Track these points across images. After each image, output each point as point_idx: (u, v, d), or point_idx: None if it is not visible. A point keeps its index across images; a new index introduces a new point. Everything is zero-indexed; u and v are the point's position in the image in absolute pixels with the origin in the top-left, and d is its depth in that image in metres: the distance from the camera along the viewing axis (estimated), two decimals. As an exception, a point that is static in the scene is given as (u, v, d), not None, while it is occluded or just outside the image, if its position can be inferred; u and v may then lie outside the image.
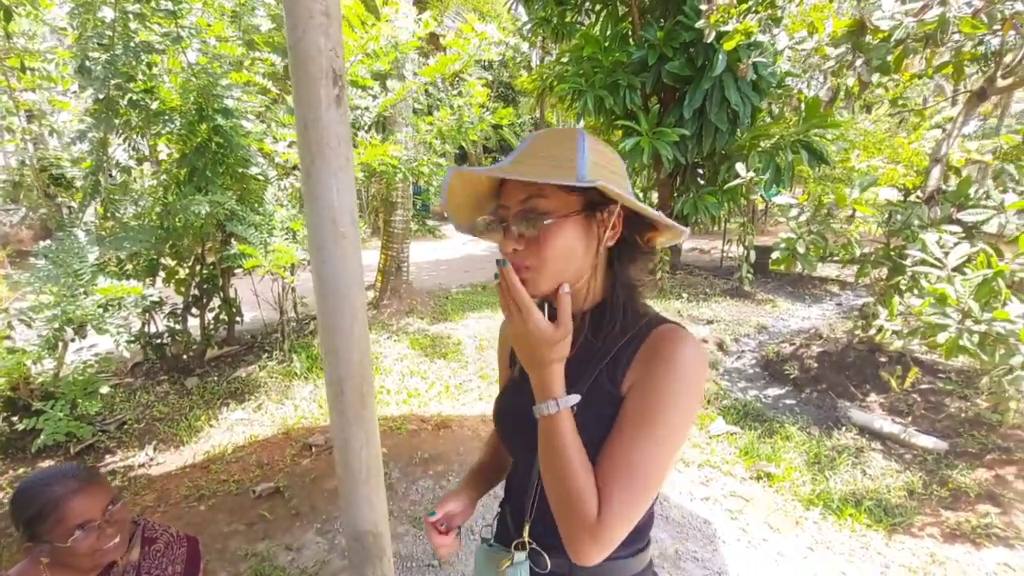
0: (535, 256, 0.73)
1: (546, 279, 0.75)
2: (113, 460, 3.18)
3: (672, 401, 0.71)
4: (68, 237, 3.12)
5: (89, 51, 3.23)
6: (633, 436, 0.71)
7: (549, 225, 0.72)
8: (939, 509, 2.58)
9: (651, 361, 0.74)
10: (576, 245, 0.75)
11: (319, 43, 1.12)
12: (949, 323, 2.30)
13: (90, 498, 1.08)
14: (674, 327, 0.78)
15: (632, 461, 0.70)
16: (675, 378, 0.72)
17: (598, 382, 0.79)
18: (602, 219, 0.76)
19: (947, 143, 3.62)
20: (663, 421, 0.71)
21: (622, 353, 0.78)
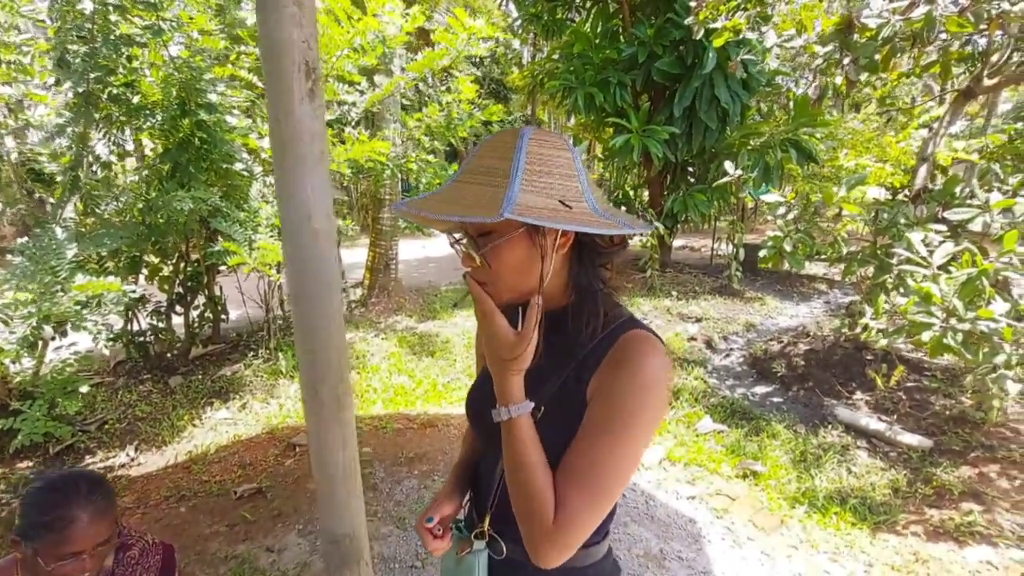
0: (486, 275, 0.75)
1: (502, 292, 0.76)
2: (93, 461, 3.13)
3: (635, 410, 0.72)
4: (46, 233, 3.05)
5: (68, 44, 3.16)
6: (593, 443, 0.72)
7: (493, 246, 0.73)
8: (923, 507, 2.59)
9: (617, 368, 0.74)
10: (521, 261, 0.74)
11: (291, 34, 1.09)
12: (934, 322, 2.31)
13: (95, 533, 1.08)
14: (643, 334, 0.77)
15: (592, 468, 0.71)
16: (639, 387, 0.72)
17: (566, 385, 0.79)
18: (546, 231, 0.74)
19: (933, 142, 3.64)
20: (625, 429, 0.71)
21: (590, 356, 0.78)
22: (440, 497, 0.97)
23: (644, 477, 2.89)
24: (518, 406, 0.74)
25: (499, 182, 0.70)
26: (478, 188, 0.71)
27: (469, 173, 0.74)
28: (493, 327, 0.73)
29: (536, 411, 0.77)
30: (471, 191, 0.71)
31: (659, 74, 6.79)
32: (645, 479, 2.87)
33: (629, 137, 6.81)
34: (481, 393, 0.90)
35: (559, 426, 0.75)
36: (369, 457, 3.00)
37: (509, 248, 0.73)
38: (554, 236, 0.74)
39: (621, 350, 0.75)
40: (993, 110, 9.55)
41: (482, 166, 0.73)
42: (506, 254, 0.73)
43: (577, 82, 7.12)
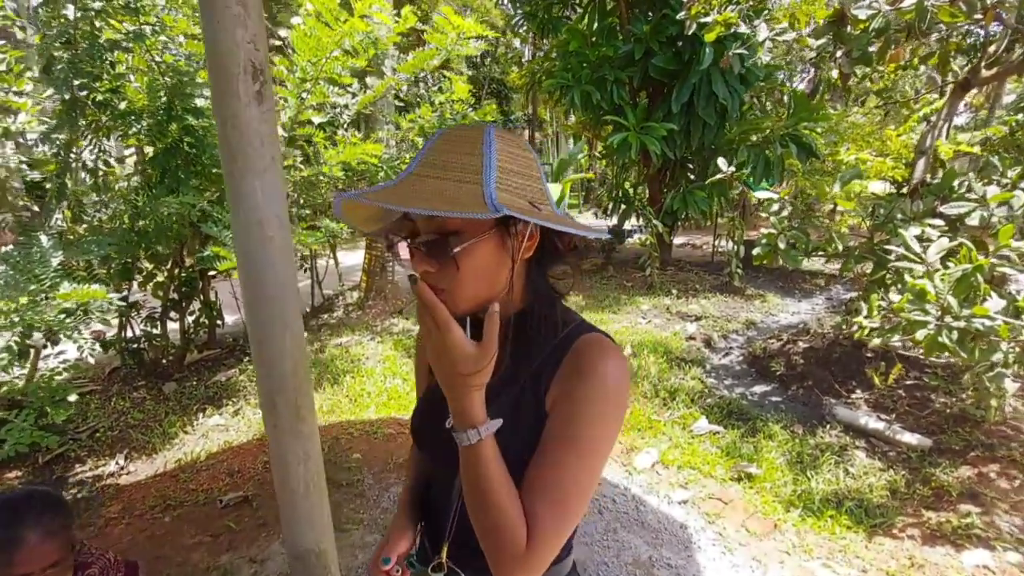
0: (446, 279, 0.68)
1: (462, 301, 0.69)
2: (83, 469, 3.11)
3: (596, 419, 0.68)
4: (32, 241, 3.04)
5: (53, 51, 3.15)
6: (559, 456, 0.68)
7: (464, 248, 0.66)
8: (921, 509, 2.52)
9: (574, 376, 0.70)
10: (490, 264, 0.69)
11: (236, 36, 1.05)
12: (928, 319, 2.25)
13: (43, 554, 1.07)
14: (598, 337, 0.74)
15: (559, 482, 0.67)
16: (599, 395, 0.69)
17: (522, 396, 0.75)
18: (517, 232, 0.70)
19: (932, 135, 3.57)
20: (588, 440, 0.68)
21: (545, 365, 0.74)
22: (392, 533, 0.91)
23: (635, 481, 2.84)
24: (485, 426, 0.66)
25: (471, 178, 0.66)
26: (444, 183, 0.65)
27: (428, 167, 0.68)
28: (450, 339, 0.63)
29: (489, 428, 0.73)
30: (435, 186, 0.65)
31: (656, 71, 6.73)
32: (636, 483, 2.82)
33: (627, 135, 6.75)
34: (428, 412, 0.85)
35: (516, 441, 0.71)
36: (358, 463, 2.97)
37: (479, 250, 0.67)
38: (522, 239, 0.70)
39: (578, 356, 0.72)
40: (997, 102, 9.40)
41: (444, 161, 0.68)
42: (472, 259, 0.67)
43: (573, 80, 7.07)
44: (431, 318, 0.63)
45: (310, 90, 4.19)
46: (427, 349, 0.67)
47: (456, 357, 0.63)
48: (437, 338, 0.64)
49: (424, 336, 0.65)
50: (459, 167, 0.67)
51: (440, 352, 0.64)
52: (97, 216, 3.85)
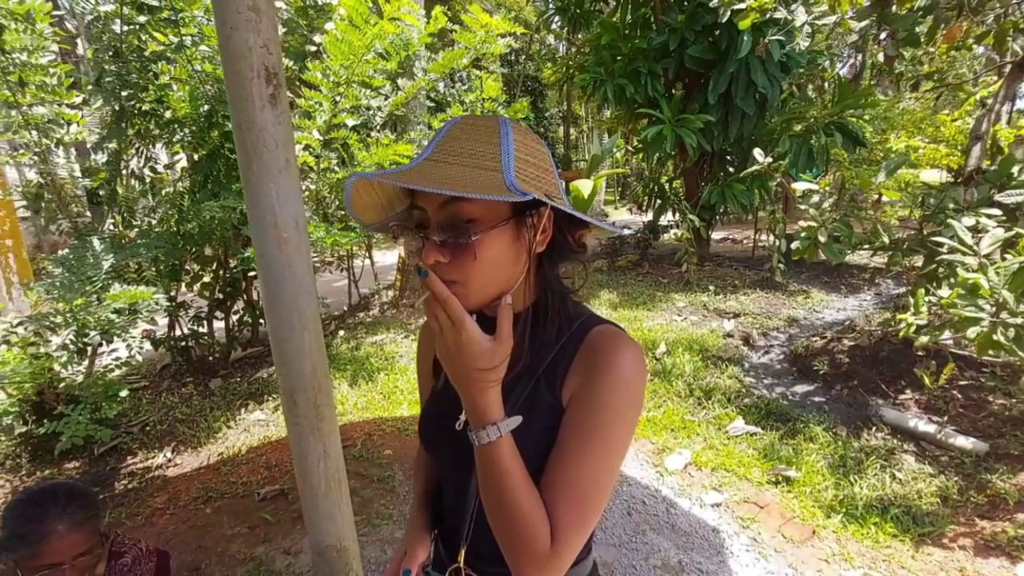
0: (461, 270, 0.65)
1: (476, 294, 0.67)
2: (134, 461, 3.27)
3: (616, 412, 0.67)
4: (85, 245, 3.22)
5: (104, 64, 3.32)
6: (579, 454, 0.67)
7: (480, 238, 0.64)
8: (974, 517, 2.37)
9: (591, 369, 0.69)
10: (506, 255, 0.67)
11: (248, 40, 1.08)
12: (982, 316, 2.10)
13: (71, 544, 1.11)
14: (610, 329, 0.73)
15: (580, 479, 0.66)
16: (618, 387, 0.67)
17: (536, 391, 0.73)
18: (533, 223, 0.68)
19: (988, 119, 3.34)
20: (609, 435, 0.67)
21: (559, 359, 0.73)
22: (409, 543, 0.89)
23: (667, 483, 2.78)
24: (505, 422, 0.64)
25: (489, 165, 0.64)
26: (463, 169, 0.64)
27: (444, 152, 0.66)
28: (466, 334, 0.61)
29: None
30: (453, 171, 0.63)
31: (692, 61, 6.55)
32: (668, 485, 2.76)
33: (662, 128, 6.61)
34: (437, 414, 0.84)
35: (532, 438, 0.70)
36: (389, 460, 3.02)
37: (495, 240, 0.65)
38: (536, 231, 0.69)
39: (592, 349, 0.71)
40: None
41: (461, 149, 0.66)
42: (489, 249, 0.65)
43: (606, 74, 6.97)
44: (444, 313, 0.61)
45: (343, 93, 4.28)
46: (437, 346, 0.65)
47: (473, 352, 0.61)
48: (451, 334, 0.61)
49: (436, 332, 0.63)
50: (477, 154, 0.65)
51: (454, 349, 0.62)
52: (146, 220, 4.04)
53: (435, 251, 0.64)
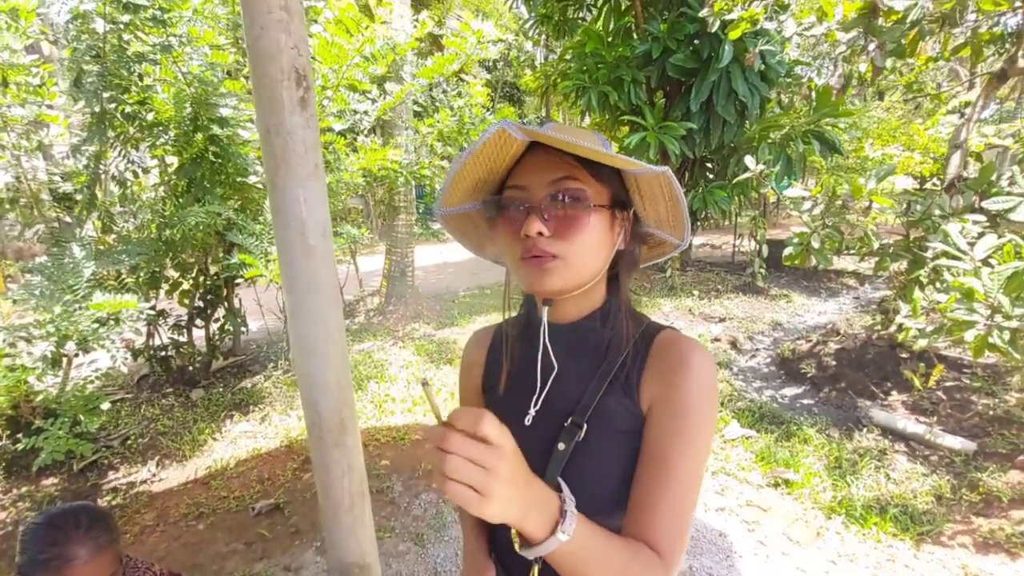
0: (565, 243, 0.66)
1: (571, 271, 0.68)
2: (116, 476, 3.14)
3: (702, 413, 0.67)
4: (64, 252, 3.08)
5: (83, 64, 3.19)
6: (671, 460, 0.65)
7: (589, 211, 0.66)
8: (970, 516, 2.43)
9: (669, 374, 0.68)
10: (603, 240, 0.70)
11: (279, 41, 1.03)
12: (977, 320, 2.16)
13: (94, 570, 1.06)
14: (677, 333, 0.74)
15: (678, 486, 0.65)
16: (700, 388, 0.67)
17: (608, 397, 0.72)
18: (622, 219, 0.72)
19: (967, 128, 3.46)
20: (697, 437, 0.66)
21: (629, 363, 0.72)
22: (473, 574, 0.85)
23: (670, 487, 2.78)
24: (568, 523, 0.52)
25: (602, 154, 0.65)
26: (581, 149, 0.62)
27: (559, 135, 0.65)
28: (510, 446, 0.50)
29: (576, 430, 0.70)
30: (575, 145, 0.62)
31: (674, 69, 6.65)
32: (671, 489, 2.76)
33: (645, 135, 6.68)
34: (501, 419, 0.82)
35: (607, 445, 0.69)
36: (387, 470, 2.95)
37: (600, 219, 0.68)
38: (624, 226, 0.72)
39: (664, 353, 0.71)
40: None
41: (570, 139, 0.64)
42: (595, 227, 0.68)
43: (590, 81, 7.02)
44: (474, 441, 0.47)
45: (331, 97, 4.22)
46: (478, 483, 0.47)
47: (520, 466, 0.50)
48: (493, 459, 0.47)
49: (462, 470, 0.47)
50: (586, 145, 0.65)
51: (506, 474, 0.48)
52: (125, 226, 3.90)
53: (539, 222, 0.66)
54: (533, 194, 0.68)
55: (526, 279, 0.70)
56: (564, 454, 0.70)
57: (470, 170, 0.70)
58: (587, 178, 0.67)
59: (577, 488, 0.68)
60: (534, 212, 0.66)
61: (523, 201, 0.69)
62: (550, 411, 0.75)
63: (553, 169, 0.67)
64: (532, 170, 0.69)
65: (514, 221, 0.69)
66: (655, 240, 0.81)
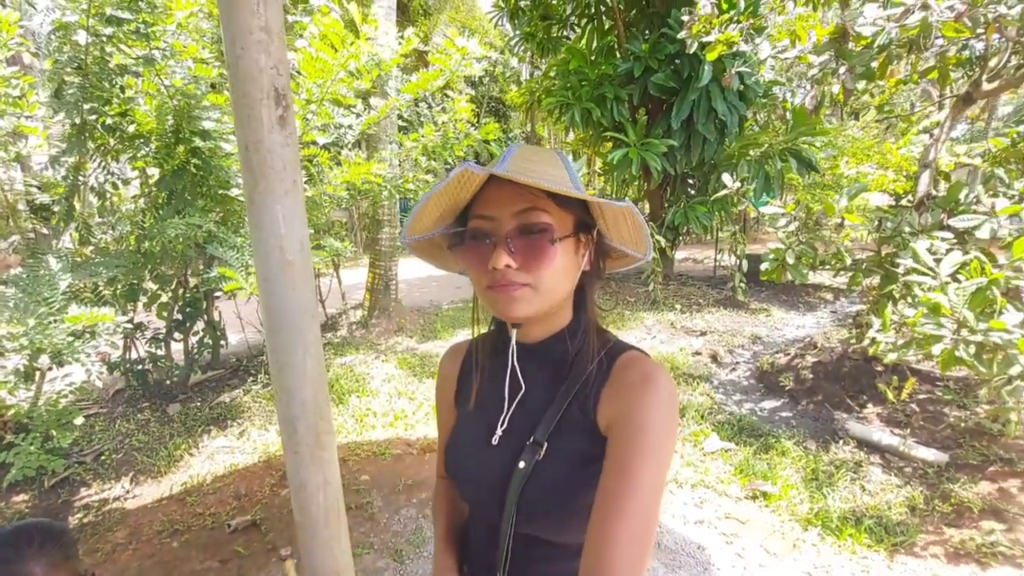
0: (534, 272, 0.68)
1: (540, 298, 0.69)
2: (88, 493, 3.07)
3: (660, 430, 0.66)
4: (40, 264, 3.04)
5: (65, 76, 3.17)
6: (633, 481, 0.64)
7: (555, 243, 0.68)
8: (942, 526, 2.48)
9: (628, 394, 0.69)
10: (569, 265, 0.71)
11: (259, 61, 1.05)
12: (944, 334, 2.23)
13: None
14: (640, 355, 0.75)
15: (639, 509, 0.63)
16: (658, 407, 0.67)
17: (568, 414, 0.73)
18: (586, 242, 0.73)
19: (935, 148, 3.58)
20: (657, 453, 0.65)
21: (591, 382, 0.73)
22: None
23: (650, 500, 2.80)
24: None
25: (563, 180, 0.69)
26: (544, 182, 0.64)
27: (521, 166, 0.68)
28: None
29: (537, 449, 0.71)
30: (540, 180, 0.64)
31: (655, 88, 6.80)
32: (651, 502, 2.78)
33: (627, 151, 6.80)
34: (467, 444, 0.82)
35: (566, 462, 0.70)
36: (367, 486, 2.93)
37: (566, 248, 0.70)
38: (588, 249, 0.74)
39: (624, 375, 0.71)
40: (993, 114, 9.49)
41: (533, 167, 0.69)
42: (561, 256, 0.69)
43: (573, 98, 7.15)
44: None
45: (315, 111, 4.23)
46: None
47: None
48: None
49: None
50: (548, 173, 0.69)
51: None
52: (103, 238, 3.85)
53: (506, 254, 0.67)
54: (499, 225, 0.69)
55: (495, 307, 0.71)
56: (524, 473, 0.71)
57: (434, 204, 0.71)
58: (551, 207, 0.68)
59: (539, 506, 0.70)
60: (501, 245, 0.67)
61: (489, 233, 0.69)
62: (515, 430, 0.76)
63: (517, 200, 0.68)
64: (497, 200, 0.69)
65: (480, 252, 0.70)
66: (619, 253, 0.83)
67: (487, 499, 0.78)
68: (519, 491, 0.70)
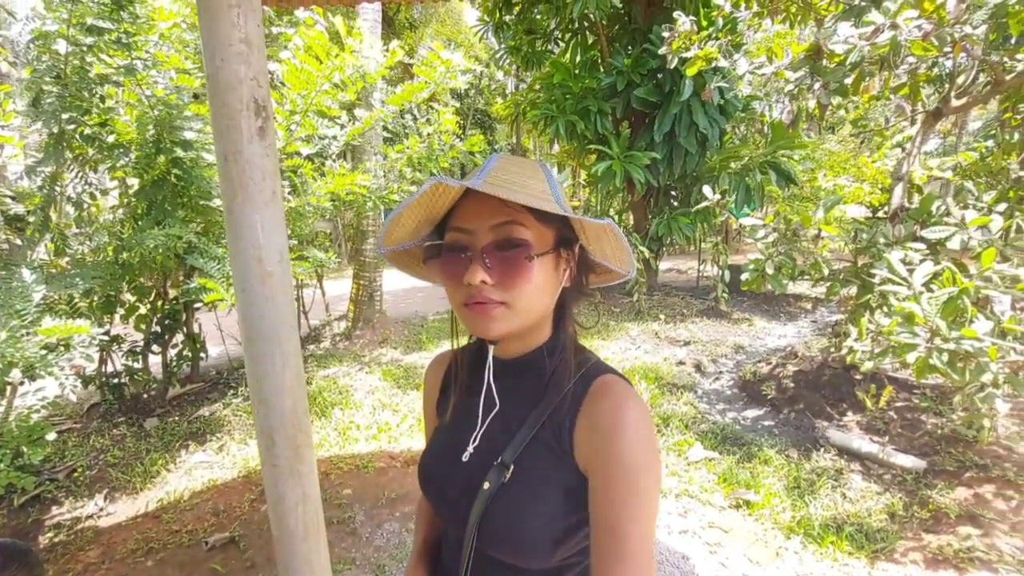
0: (510, 291, 0.65)
1: (517, 317, 0.67)
2: (60, 511, 2.98)
3: (644, 474, 0.64)
4: (12, 276, 2.97)
5: (43, 85, 3.13)
6: (626, 552, 0.62)
7: (533, 259, 0.65)
8: (920, 532, 2.52)
9: (604, 436, 0.65)
10: (548, 282, 0.69)
11: (239, 72, 1.06)
12: (918, 342, 2.28)
13: None
14: (615, 380, 0.72)
15: (640, 546, 0.62)
16: (636, 449, 0.64)
17: (540, 437, 0.71)
18: (567, 257, 0.71)
19: (908, 161, 3.68)
20: (646, 515, 0.64)
21: (564, 405, 0.71)
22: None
23: (634, 511, 2.80)
24: None
25: (543, 196, 0.66)
26: (526, 195, 0.64)
27: (500, 179, 0.66)
28: None
29: (503, 470, 0.69)
30: (518, 194, 0.63)
31: (638, 102, 6.91)
32: (635, 513, 2.78)
33: (611, 163, 6.88)
34: (438, 458, 0.81)
35: (532, 488, 0.68)
36: (349, 500, 2.89)
37: (544, 264, 0.67)
38: (569, 265, 0.72)
39: (597, 406, 0.68)
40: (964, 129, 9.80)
41: (512, 179, 0.67)
42: (539, 272, 0.66)
43: (558, 111, 7.23)
44: None
45: (299, 122, 4.22)
46: None
47: None
48: None
49: None
50: (529, 185, 0.67)
51: None
52: (80, 249, 3.78)
53: (482, 270, 0.64)
54: (475, 239, 0.67)
55: (471, 325, 0.69)
56: (488, 494, 0.69)
57: (408, 216, 0.69)
58: (530, 221, 0.66)
59: (499, 532, 0.68)
60: (477, 260, 0.65)
61: (465, 247, 0.67)
62: (486, 448, 0.74)
63: (495, 213, 0.66)
64: (475, 212, 0.67)
65: (456, 266, 0.67)
66: (603, 268, 0.81)
67: (452, 515, 0.77)
68: (480, 512, 0.69)
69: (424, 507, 0.96)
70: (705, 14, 6.06)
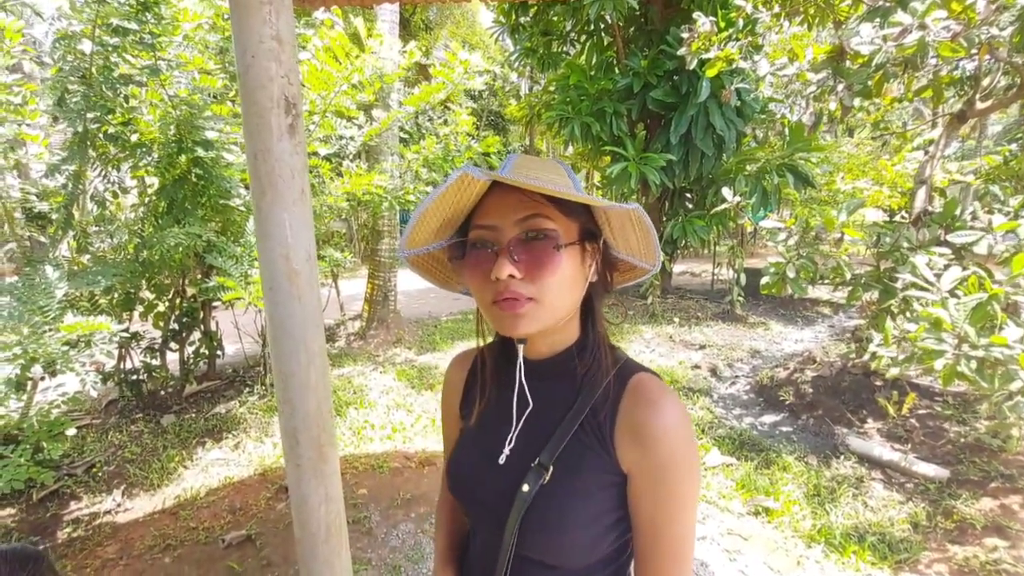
0: (538, 285, 0.64)
1: (546, 312, 0.65)
2: (79, 507, 3.01)
3: (688, 487, 0.64)
4: (36, 273, 3.01)
5: (68, 84, 3.18)
6: (670, 554, 0.64)
7: (560, 250, 0.64)
8: (945, 543, 2.46)
9: (644, 435, 0.65)
10: (575, 276, 0.67)
11: (270, 70, 1.05)
12: (945, 348, 2.23)
13: None
14: (651, 378, 0.71)
15: (681, 549, 0.64)
16: (676, 448, 0.64)
17: (579, 437, 0.70)
18: (592, 251, 0.70)
19: (931, 165, 3.62)
20: (690, 516, 0.65)
21: (602, 404, 0.70)
22: None
23: (651, 516, 2.77)
24: None
25: (567, 186, 0.65)
26: (549, 186, 0.62)
27: (522, 172, 0.66)
28: None
29: (542, 472, 0.68)
30: (540, 185, 0.62)
31: (654, 103, 6.86)
32: (652, 518, 2.75)
33: (626, 165, 6.84)
34: (469, 458, 0.79)
35: (574, 490, 0.67)
36: (364, 500, 2.89)
37: (572, 257, 0.66)
38: (594, 259, 0.71)
39: (637, 405, 0.67)
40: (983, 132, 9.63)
41: (535, 174, 0.66)
42: (567, 265, 0.65)
43: (573, 112, 7.20)
44: None
45: (318, 123, 4.25)
46: None
47: None
48: None
49: None
50: (551, 179, 0.66)
51: None
52: (101, 247, 3.84)
53: (510, 264, 0.63)
54: (501, 234, 0.65)
55: (499, 324, 0.68)
56: (528, 497, 0.68)
57: (433, 212, 0.68)
58: (555, 214, 0.65)
59: (540, 534, 0.67)
60: (503, 254, 0.64)
61: (491, 242, 0.66)
62: (522, 449, 0.73)
63: (520, 207, 0.65)
64: (498, 208, 0.66)
65: (482, 263, 0.66)
66: (627, 265, 0.80)
67: (489, 519, 0.75)
68: (521, 515, 0.68)
69: (446, 508, 0.94)
70: (723, 15, 6.00)
